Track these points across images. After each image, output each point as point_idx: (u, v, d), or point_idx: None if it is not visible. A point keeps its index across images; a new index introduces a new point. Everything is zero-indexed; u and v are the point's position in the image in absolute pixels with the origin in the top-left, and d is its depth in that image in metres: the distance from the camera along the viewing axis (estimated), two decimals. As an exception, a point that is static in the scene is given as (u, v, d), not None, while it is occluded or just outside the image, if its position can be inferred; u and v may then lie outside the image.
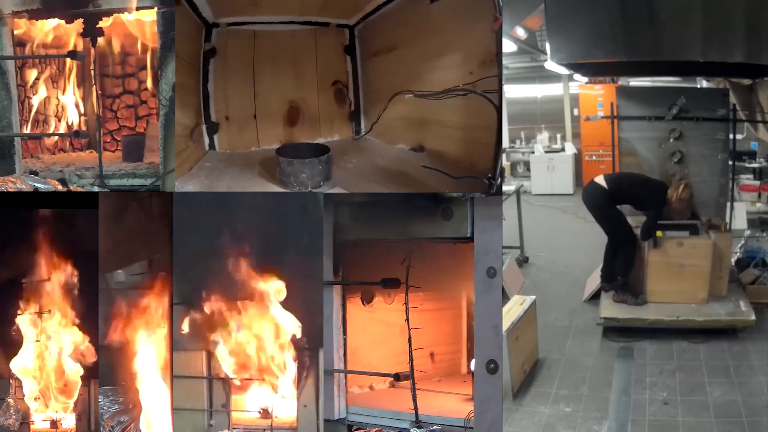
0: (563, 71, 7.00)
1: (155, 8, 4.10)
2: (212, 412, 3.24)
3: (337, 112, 4.67)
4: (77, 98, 5.19)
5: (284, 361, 3.21)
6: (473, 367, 3.06)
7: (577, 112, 12.94)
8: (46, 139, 5.02)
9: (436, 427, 3.07)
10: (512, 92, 12.99)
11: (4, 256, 3.47)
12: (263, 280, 3.19)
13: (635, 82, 10.55)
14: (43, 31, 4.69)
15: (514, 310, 4.68)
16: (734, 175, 7.09)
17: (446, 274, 3.57)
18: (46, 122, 5.02)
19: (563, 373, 4.78)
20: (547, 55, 5.29)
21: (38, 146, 4.97)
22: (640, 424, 4.01)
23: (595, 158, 12.29)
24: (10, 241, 3.47)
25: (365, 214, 3.28)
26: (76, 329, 3.48)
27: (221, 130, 4.28)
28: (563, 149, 12.85)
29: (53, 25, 4.65)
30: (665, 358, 4.96)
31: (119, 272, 3.31)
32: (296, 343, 3.19)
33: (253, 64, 4.36)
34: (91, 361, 3.43)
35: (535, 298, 4.96)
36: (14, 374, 3.45)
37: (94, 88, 4.82)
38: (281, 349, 3.22)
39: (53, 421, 3.46)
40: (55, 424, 3.45)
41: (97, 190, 4.22)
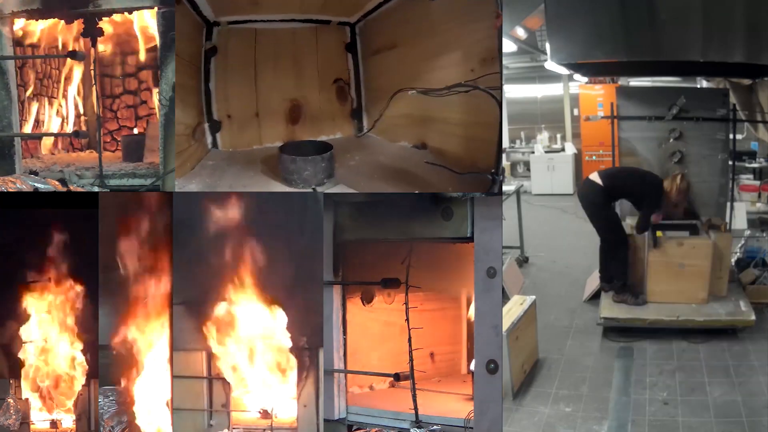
0: (563, 71, 6.99)
1: (155, 8, 4.10)
2: (212, 412, 3.24)
3: (338, 109, 4.67)
4: (77, 98, 5.20)
5: (284, 360, 3.22)
6: (473, 367, 3.06)
7: (577, 112, 12.94)
8: (45, 139, 5.03)
9: (436, 427, 3.07)
10: (512, 92, 12.98)
11: (4, 256, 3.47)
12: (263, 279, 3.19)
13: (635, 82, 10.55)
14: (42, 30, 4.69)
15: (514, 310, 4.68)
16: (734, 175, 7.08)
17: (446, 274, 3.57)
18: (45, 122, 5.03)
19: (563, 373, 4.78)
20: (547, 55, 5.29)
21: (38, 146, 4.97)
22: (640, 424, 4.01)
23: (595, 158, 12.27)
24: (10, 241, 3.47)
25: (365, 214, 3.28)
26: (76, 329, 3.49)
27: (223, 128, 4.28)
28: (563, 149, 12.85)
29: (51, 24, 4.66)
30: (665, 358, 4.96)
31: (119, 272, 3.31)
32: (296, 342, 3.19)
33: (254, 62, 4.37)
34: (91, 361, 3.44)
35: (535, 298, 4.96)
36: (15, 374, 3.46)
37: (94, 88, 4.82)
38: (281, 348, 3.22)
39: (53, 421, 3.46)
40: (55, 424, 3.45)
41: (97, 190, 4.22)
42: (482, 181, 2.98)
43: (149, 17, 4.65)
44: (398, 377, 3.21)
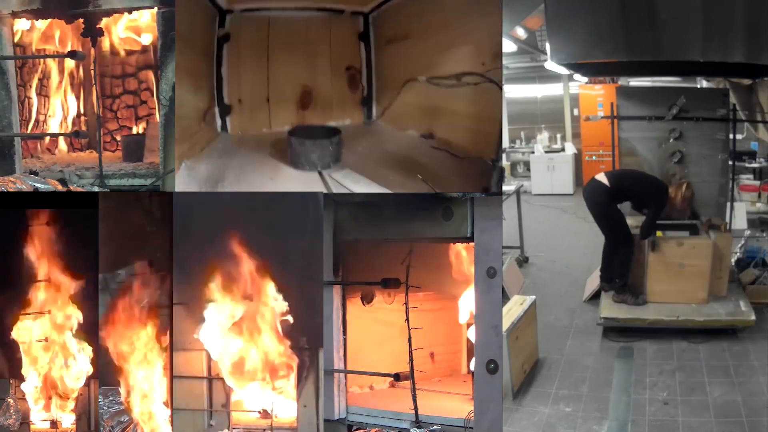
0: (563, 71, 7.00)
1: (155, 8, 4.10)
2: (212, 412, 3.24)
3: (349, 97, 4.67)
4: (77, 98, 5.19)
5: (284, 360, 3.22)
6: (473, 367, 3.06)
7: (577, 112, 12.94)
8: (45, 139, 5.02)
9: (436, 427, 3.07)
10: (512, 92, 12.98)
11: (4, 256, 3.47)
12: (263, 279, 3.19)
13: (635, 82, 10.55)
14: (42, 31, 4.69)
15: (514, 310, 4.68)
16: (734, 175, 7.08)
17: (446, 274, 3.57)
18: (45, 122, 5.02)
19: (563, 373, 4.78)
20: (547, 55, 5.29)
21: (38, 146, 4.97)
22: (640, 424, 4.01)
23: (595, 158, 12.28)
24: (10, 241, 3.47)
25: (365, 213, 3.28)
26: (75, 329, 3.48)
27: (233, 112, 4.29)
28: (563, 149, 12.85)
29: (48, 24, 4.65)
30: (665, 358, 4.96)
31: (119, 272, 3.31)
32: (296, 342, 3.19)
33: (267, 49, 4.37)
34: (90, 361, 3.44)
35: (535, 298, 4.96)
36: (15, 374, 3.46)
37: (94, 88, 4.82)
38: (281, 349, 3.22)
39: (53, 421, 3.46)
40: (55, 424, 3.45)
41: (97, 190, 4.22)
42: (483, 166, 3.00)
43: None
44: (398, 377, 3.21)
